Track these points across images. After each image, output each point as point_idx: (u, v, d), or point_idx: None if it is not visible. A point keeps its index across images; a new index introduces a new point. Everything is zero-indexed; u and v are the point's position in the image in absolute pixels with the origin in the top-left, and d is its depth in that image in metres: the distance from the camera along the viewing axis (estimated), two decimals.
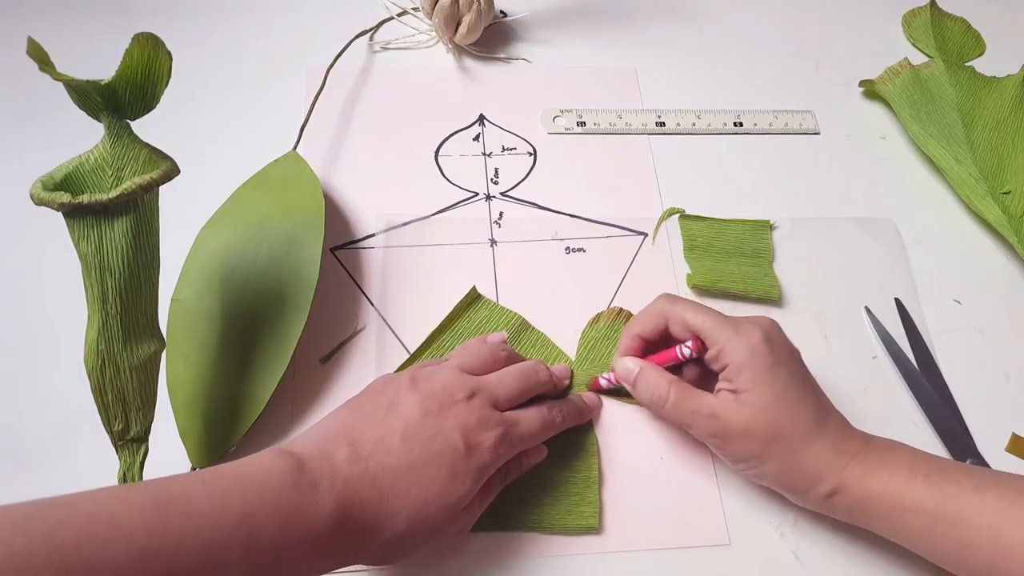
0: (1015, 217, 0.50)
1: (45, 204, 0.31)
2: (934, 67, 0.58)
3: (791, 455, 0.35)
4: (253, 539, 0.27)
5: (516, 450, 0.36)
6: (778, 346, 0.37)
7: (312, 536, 0.29)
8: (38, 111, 0.51)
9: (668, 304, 0.39)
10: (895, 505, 0.34)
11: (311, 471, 0.30)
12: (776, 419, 0.35)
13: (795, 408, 0.35)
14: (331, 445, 0.32)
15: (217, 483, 0.28)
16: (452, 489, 0.33)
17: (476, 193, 0.50)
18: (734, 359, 0.36)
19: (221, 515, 0.27)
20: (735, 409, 0.36)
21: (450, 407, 0.34)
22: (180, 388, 0.39)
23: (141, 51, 0.32)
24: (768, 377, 0.35)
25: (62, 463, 0.39)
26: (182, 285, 0.43)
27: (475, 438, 0.34)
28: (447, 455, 0.33)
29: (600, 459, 0.41)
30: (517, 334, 0.44)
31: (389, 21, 0.58)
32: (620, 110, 0.55)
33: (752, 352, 0.36)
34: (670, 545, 0.39)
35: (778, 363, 0.36)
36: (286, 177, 0.47)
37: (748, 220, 0.50)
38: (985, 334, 0.47)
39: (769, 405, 0.35)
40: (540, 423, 0.37)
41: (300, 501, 0.29)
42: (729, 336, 0.36)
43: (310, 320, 0.41)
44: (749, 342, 0.36)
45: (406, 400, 0.34)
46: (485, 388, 0.36)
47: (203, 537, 0.26)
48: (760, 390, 0.35)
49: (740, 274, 0.47)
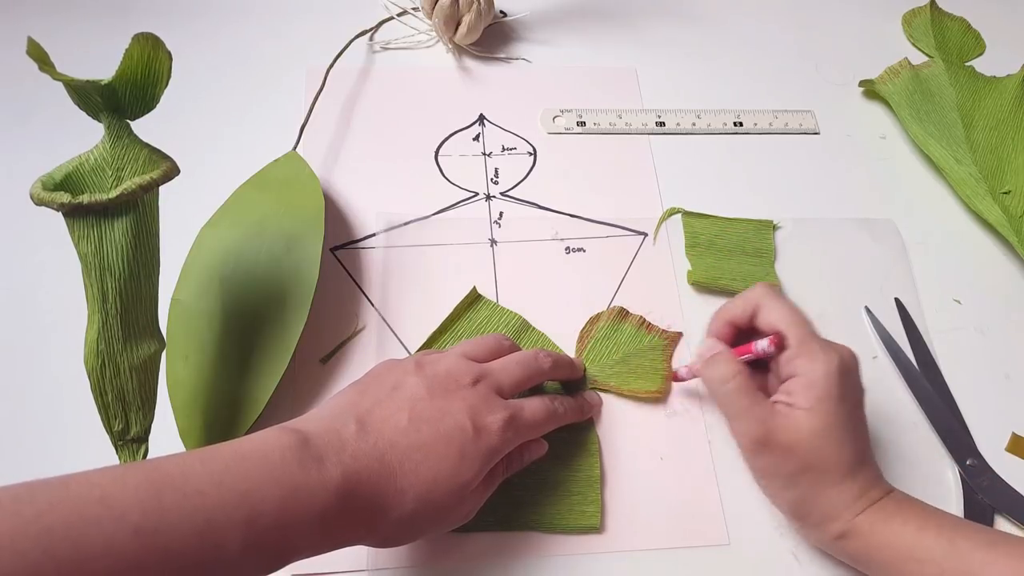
0: (1015, 217, 0.50)
1: (45, 204, 0.31)
2: (934, 67, 0.58)
3: (817, 489, 0.35)
4: (254, 516, 0.27)
5: (522, 437, 0.36)
6: (851, 379, 0.36)
7: (317, 512, 0.28)
8: (38, 111, 0.51)
9: (764, 294, 0.38)
10: (904, 556, 0.33)
11: (316, 446, 0.30)
12: (821, 449, 0.34)
13: (843, 445, 0.34)
14: (338, 422, 0.32)
15: (216, 461, 0.28)
16: (461, 470, 0.32)
17: (476, 193, 0.50)
18: (806, 373, 0.35)
19: (220, 493, 0.26)
20: (787, 424, 0.35)
21: (456, 391, 0.34)
22: (180, 388, 0.39)
23: (141, 51, 0.32)
24: (831, 405, 0.34)
25: (62, 463, 0.39)
26: (182, 285, 0.43)
27: (482, 420, 0.34)
28: (457, 436, 0.33)
29: (602, 458, 0.41)
30: (518, 334, 0.44)
31: (389, 21, 0.58)
32: (620, 110, 0.55)
33: (827, 374, 0.35)
34: (670, 545, 0.39)
35: (845, 396, 0.35)
36: (286, 177, 0.47)
37: (751, 219, 0.50)
38: (985, 334, 0.47)
39: (820, 433, 0.34)
40: (544, 412, 0.37)
41: (304, 476, 0.28)
42: (812, 349, 0.35)
43: (310, 320, 0.41)
44: (827, 363, 0.35)
45: (412, 383, 0.34)
46: (490, 374, 0.36)
47: (201, 516, 0.26)
48: (819, 416, 0.34)
49: (741, 273, 0.47)
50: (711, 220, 0.49)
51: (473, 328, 0.44)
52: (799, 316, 0.37)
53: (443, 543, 0.38)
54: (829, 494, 0.35)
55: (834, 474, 0.34)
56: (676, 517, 0.39)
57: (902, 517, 0.34)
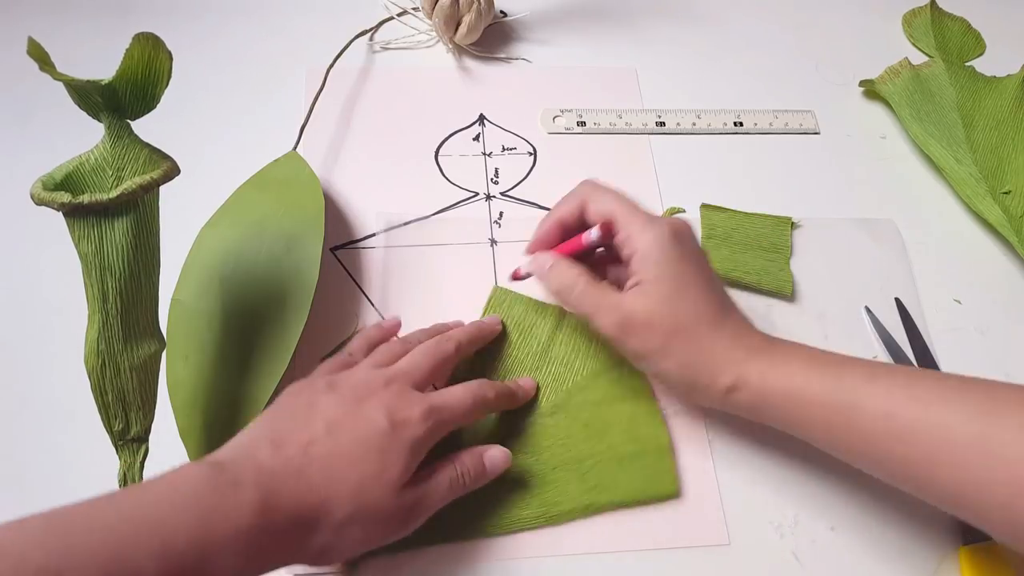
0: (1015, 217, 0.50)
1: (45, 204, 0.31)
2: (934, 67, 0.58)
3: (692, 347, 0.36)
4: (168, 545, 0.26)
5: (448, 425, 0.35)
6: (686, 241, 0.37)
7: (238, 533, 0.28)
8: (38, 111, 0.51)
9: (588, 189, 0.40)
10: (794, 398, 0.34)
11: (230, 471, 0.29)
12: (678, 310, 0.36)
13: (697, 301, 0.36)
14: (252, 447, 0.32)
15: (125, 498, 0.27)
16: (386, 466, 0.32)
17: (476, 193, 0.50)
18: (641, 247, 0.36)
19: (128, 526, 0.26)
20: (637, 299, 0.36)
21: (369, 397, 0.34)
22: (180, 388, 0.39)
23: (141, 51, 0.32)
24: (673, 268, 0.36)
25: (62, 463, 0.39)
26: (182, 285, 0.43)
27: (400, 415, 0.34)
28: (375, 437, 0.33)
29: (668, 426, 0.41)
30: (558, 324, 0.44)
31: (389, 21, 0.58)
32: (620, 110, 0.55)
33: (660, 243, 0.36)
34: (670, 545, 0.39)
35: (684, 256, 0.36)
36: (286, 177, 0.47)
37: (770, 215, 0.50)
38: (985, 334, 0.47)
39: (671, 296, 0.36)
40: (469, 397, 0.37)
41: (219, 500, 0.28)
42: (640, 225, 0.37)
43: (310, 320, 0.41)
44: (658, 233, 0.36)
45: (325, 400, 0.34)
46: (400, 373, 0.36)
47: (109, 550, 0.25)
48: (664, 281, 0.36)
49: (755, 267, 0.47)
50: (729, 214, 0.49)
51: (512, 325, 0.44)
52: (624, 200, 0.38)
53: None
54: (703, 348, 0.36)
55: (701, 327, 0.36)
56: (676, 517, 0.39)
57: (788, 363, 0.35)
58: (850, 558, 0.39)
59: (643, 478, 0.39)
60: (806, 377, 0.34)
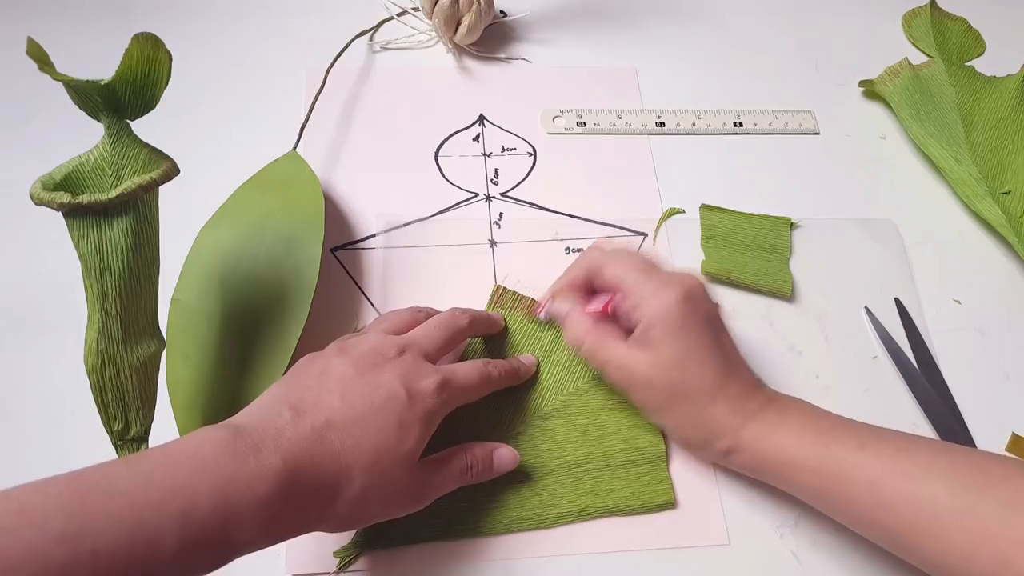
0: (1015, 217, 0.50)
1: (45, 204, 0.31)
2: (934, 67, 0.58)
3: (692, 411, 0.37)
4: (189, 511, 0.26)
5: (457, 400, 0.36)
6: (695, 305, 0.37)
7: (261, 500, 0.28)
8: (38, 111, 0.51)
9: (596, 255, 0.40)
10: (786, 463, 0.35)
11: (251, 436, 0.29)
12: (678, 377, 0.36)
13: (701, 368, 0.36)
14: (270, 412, 0.31)
15: (143, 463, 0.27)
16: (402, 438, 0.32)
17: (476, 194, 0.50)
18: (647, 315, 0.37)
19: (148, 492, 0.26)
20: (640, 363, 0.37)
21: (383, 364, 0.34)
22: (180, 388, 0.39)
23: (141, 51, 0.32)
24: (677, 337, 0.36)
25: (62, 463, 0.39)
26: (182, 285, 0.43)
27: (415, 386, 0.34)
28: (391, 405, 0.33)
29: (666, 437, 0.41)
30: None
31: (389, 21, 0.58)
32: (620, 110, 0.55)
33: (667, 311, 0.36)
34: (670, 545, 0.39)
35: (688, 324, 0.36)
36: (286, 177, 0.47)
37: (769, 216, 0.50)
38: (985, 334, 0.47)
39: (672, 363, 0.36)
40: (477, 374, 0.37)
41: (240, 466, 0.28)
42: (647, 293, 0.37)
43: (310, 320, 0.41)
44: (665, 300, 0.36)
45: (338, 365, 0.34)
46: (413, 343, 0.36)
47: (129, 516, 0.25)
48: (667, 348, 0.36)
49: (754, 267, 0.47)
50: (729, 214, 0.50)
51: (515, 328, 0.44)
52: (631, 265, 0.38)
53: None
54: (703, 415, 0.37)
55: (702, 396, 0.36)
56: (676, 517, 0.39)
57: (784, 426, 0.36)
58: (850, 559, 0.39)
59: (639, 486, 0.39)
60: (799, 443, 0.35)
